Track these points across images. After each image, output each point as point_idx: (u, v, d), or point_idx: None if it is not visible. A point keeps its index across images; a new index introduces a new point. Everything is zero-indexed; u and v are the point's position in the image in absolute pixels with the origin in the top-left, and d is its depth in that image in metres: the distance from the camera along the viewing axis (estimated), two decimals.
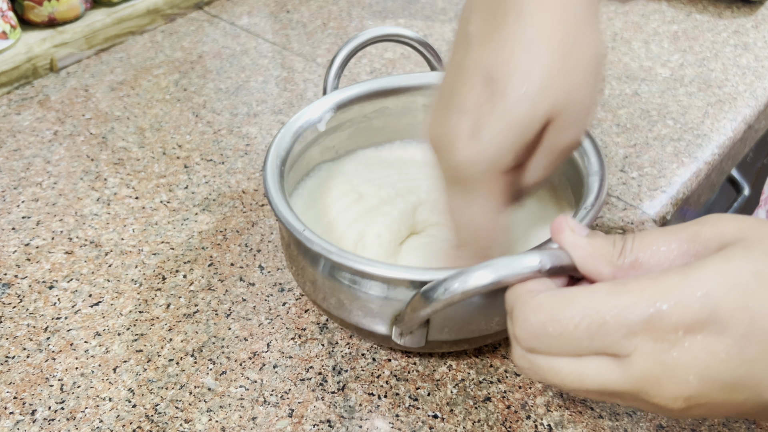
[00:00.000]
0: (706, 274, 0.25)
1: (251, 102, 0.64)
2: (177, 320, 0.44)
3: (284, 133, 0.44)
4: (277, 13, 0.79)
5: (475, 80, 0.32)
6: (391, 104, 0.48)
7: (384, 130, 0.50)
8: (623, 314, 0.25)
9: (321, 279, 0.38)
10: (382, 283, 0.36)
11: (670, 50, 0.70)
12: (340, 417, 0.39)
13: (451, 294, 0.30)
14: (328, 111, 0.46)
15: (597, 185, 0.39)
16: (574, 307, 0.26)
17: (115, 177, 0.56)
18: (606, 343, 0.26)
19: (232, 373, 0.41)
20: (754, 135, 0.66)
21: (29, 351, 0.43)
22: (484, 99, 0.31)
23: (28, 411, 0.40)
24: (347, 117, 0.47)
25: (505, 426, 0.38)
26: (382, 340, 0.40)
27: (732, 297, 0.24)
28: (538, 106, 0.31)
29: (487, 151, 0.32)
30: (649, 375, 0.25)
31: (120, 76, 0.68)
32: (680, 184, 0.55)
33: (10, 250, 0.50)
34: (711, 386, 0.25)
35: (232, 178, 0.56)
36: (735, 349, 0.24)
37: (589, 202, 0.38)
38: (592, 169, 0.40)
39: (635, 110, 0.62)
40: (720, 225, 0.27)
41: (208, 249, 0.50)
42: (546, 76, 0.31)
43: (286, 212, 0.38)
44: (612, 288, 0.26)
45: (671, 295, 0.25)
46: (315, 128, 0.46)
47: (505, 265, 0.29)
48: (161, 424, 0.39)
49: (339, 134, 0.48)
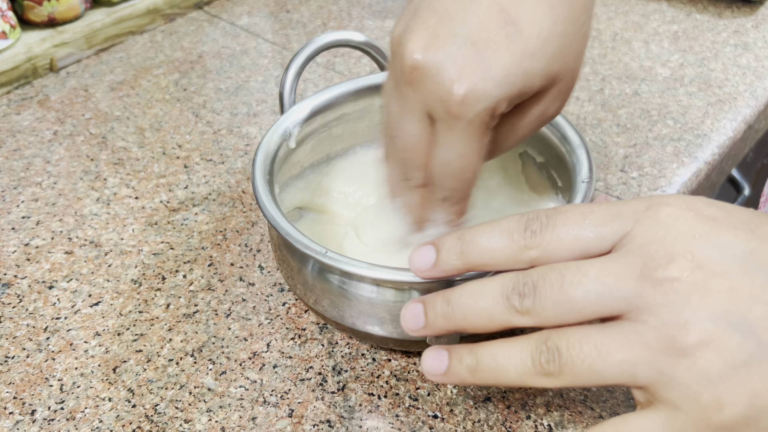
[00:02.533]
0: None
1: (251, 102, 0.64)
2: (177, 320, 0.44)
3: (270, 136, 0.43)
4: (277, 13, 0.79)
5: (493, 16, 0.30)
6: (350, 110, 0.48)
7: (343, 137, 0.49)
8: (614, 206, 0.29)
9: (312, 280, 0.38)
10: (393, 288, 0.36)
11: (670, 50, 0.70)
12: (340, 417, 0.39)
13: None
14: (295, 126, 0.45)
15: (585, 158, 0.39)
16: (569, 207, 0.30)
17: (114, 177, 0.56)
18: (606, 221, 0.29)
19: (231, 373, 0.41)
20: (754, 135, 0.66)
21: (29, 351, 0.43)
22: (501, 36, 0.30)
23: (27, 411, 0.40)
24: (309, 129, 0.46)
25: (505, 426, 0.38)
26: (380, 341, 0.40)
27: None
28: (553, 65, 0.31)
29: (494, 90, 0.30)
30: (654, 239, 0.27)
31: (120, 76, 0.68)
32: (680, 184, 0.54)
33: (9, 250, 0.50)
34: (720, 250, 0.26)
35: (232, 178, 0.56)
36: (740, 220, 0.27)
37: (584, 174, 0.38)
38: (575, 143, 0.40)
39: (635, 110, 0.62)
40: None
41: (208, 249, 0.50)
42: (564, 41, 0.31)
43: (279, 217, 0.37)
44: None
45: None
46: (286, 145, 0.44)
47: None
48: (161, 424, 0.39)
49: (303, 148, 0.47)
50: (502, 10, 0.30)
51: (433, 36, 0.30)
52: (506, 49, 0.30)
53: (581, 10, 0.32)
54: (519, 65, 0.30)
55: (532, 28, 0.30)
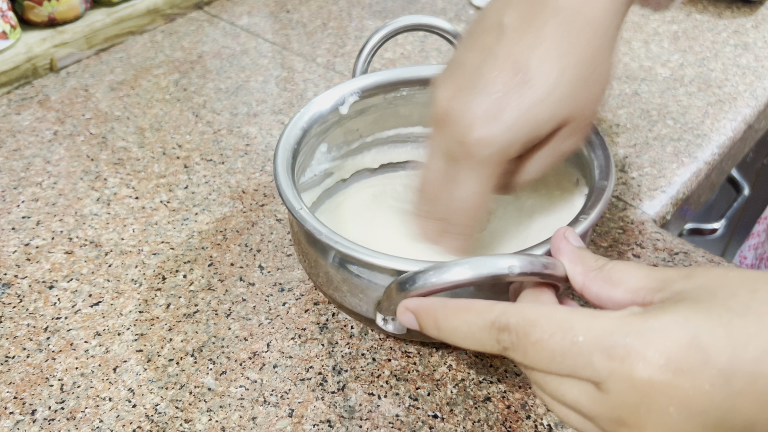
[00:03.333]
0: (681, 311, 0.24)
1: (251, 102, 0.64)
2: (177, 320, 0.45)
3: (294, 124, 0.44)
4: (277, 13, 0.79)
5: (506, 68, 0.33)
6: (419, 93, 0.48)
7: (410, 117, 0.50)
8: (597, 335, 0.25)
9: (331, 269, 0.38)
10: (368, 269, 0.36)
11: (670, 50, 0.70)
12: (340, 417, 0.39)
13: (425, 286, 0.31)
14: (352, 94, 0.46)
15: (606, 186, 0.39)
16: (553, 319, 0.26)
17: (115, 177, 0.56)
18: (578, 363, 0.25)
19: (232, 373, 0.41)
20: (754, 135, 0.66)
21: (29, 351, 0.43)
22: (511, 87, 0.33)
23: (28, 411, 0.40)
24: (372, 102, 0.47)
25: (505, 426, 0.38)
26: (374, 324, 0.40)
27: (715, 329, 0.23)
28: (560, 110, 0.34)
29: (503, 136, 0.33)
30: (625, 403, 0.24)
31: (120, 76, 0.68)
32: (680, 184, 0.55)
33: (10, 250, 0.50)
34: (695, 422, 0.24)
35: (232, 178, 0.56)
36: (719, 380, 0.23)
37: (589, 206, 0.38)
38: (599, 162, 0.41)
39: (635, 110, 0.62)
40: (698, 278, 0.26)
41: (208, 249, 0.50)
42: (572, 86, 0.34)
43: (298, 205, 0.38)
44: (592, 311, 0.26)
45: (647, 328, 0.24)
46: (337, 111, 0.46)
47: (483, 264, 0.30)
48: (161, 424, 0.39)
49: (364, 118, 0.48)
50: (515, 61, 0.33)
51: (458, 87, 0.35)
52: (516, 98, 0.33)
53: (594, 53, 0.34)
54: (527, 112, 0.33)
55: (539, 77, 0.33)
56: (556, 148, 0.36)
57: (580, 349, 0.25)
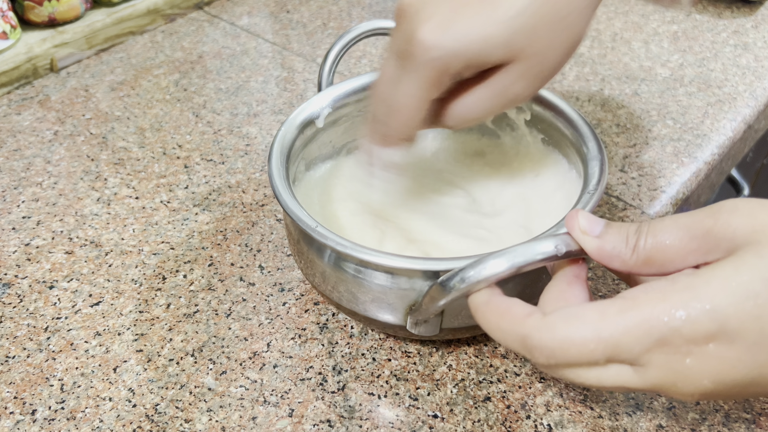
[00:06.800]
0: (714, 287, 0.26)
1: (251, 102, 0.64)
2: (177, 320, 0.45)
3: (286, 129, 0.44)
4: (277, 13, 0.79)
5: None
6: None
7: None
8: (635, 334, 0.26)
9: (330, 271, 0.38)
10: (400, 275, 0.36)
11: (670, 50, 0.70)
12: (340, 417, 0.39)
13: (468, 283, 0.31)
14: (326, 107, 0.46)
15: (598, 170, 0.39)
16: (587, 330, 0.27)
17: (115, 177, 0.56)
18: (621, 359, 0.27)
19: (232, 372, 0.41)
20: (754, 135, 0.66)
21: (29, 351, 0.43)
22: (474, 2, 0.33)
23: (28, 411, 0.40)
24: (344, 113, 0.47)
25: (505, 426, 0.38)
26: (395, 330, 0.40)
27: (742, 308, 0.25)
28: (516, 40, 0.33)
29: (448, 43, 0.33)
30: (664, 381, 0.27)
31: (120, 76, 0.68)
32: (680, 184, 0.55)
33: (10, 250, 0.50)
34: (725, 387, 0.27)
35: (232, 178, 0.56)
36: (746, 356, 0.25)
37: (591, 186, 0.38)
38: (592, 154, 0.41)
39: (635, 110, 0.62)
40: (733, 221, 0.27)
41: (208, 249, 0.50)
42: (536, 21, 0.33)
43: (296, 208, 0.38)
44: (622, 306, 0.27)
45: (681, 312, 0.26)
46: (313, 124, 0.46)
47: (521, 253, 0.30)
48: (161, 424, 0.39)
49: (336, 129, 0.48)
50: None
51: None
52: (475, 12, 0.33)
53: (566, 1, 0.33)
54: (480, 28, 0.33)
55: (506, 1, 0.33)
56: (502, 87, 0.35)
57: (621, 350, 0.27)
